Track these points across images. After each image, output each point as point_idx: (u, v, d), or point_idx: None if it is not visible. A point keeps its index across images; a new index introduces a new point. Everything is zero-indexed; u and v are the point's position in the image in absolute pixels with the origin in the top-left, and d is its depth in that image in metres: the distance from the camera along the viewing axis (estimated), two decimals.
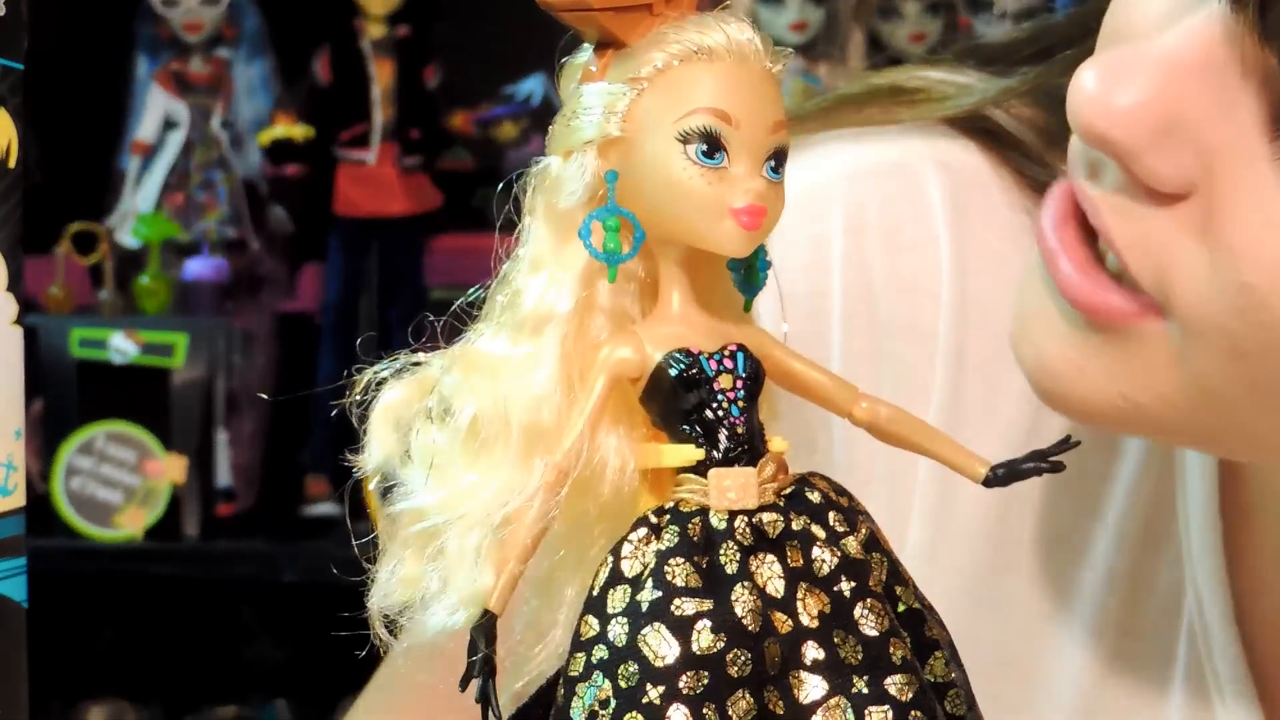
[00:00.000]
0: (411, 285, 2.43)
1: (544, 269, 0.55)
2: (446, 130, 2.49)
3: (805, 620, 0.52)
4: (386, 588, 0.55)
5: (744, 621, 0.51)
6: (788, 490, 0.54)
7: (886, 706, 0.52)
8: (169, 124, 2.45)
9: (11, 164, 0.59)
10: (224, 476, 2.42)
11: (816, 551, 0.53)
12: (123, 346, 2.33)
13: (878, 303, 0.81)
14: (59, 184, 2.28)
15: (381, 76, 2.42)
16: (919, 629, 0.54)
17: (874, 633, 0.53)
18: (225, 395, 2.41)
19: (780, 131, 0.54)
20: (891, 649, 0.53)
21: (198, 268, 2.43)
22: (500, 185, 0.57)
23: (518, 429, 0.53)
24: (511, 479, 0.53)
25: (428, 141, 2.44)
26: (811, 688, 0.52)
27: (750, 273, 0.57)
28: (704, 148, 0.53)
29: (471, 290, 0.58)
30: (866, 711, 0.52)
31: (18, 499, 0.60)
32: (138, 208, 2.43)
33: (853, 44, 2.26)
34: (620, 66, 0.54)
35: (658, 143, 0.53)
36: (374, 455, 0.56)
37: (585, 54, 0.56)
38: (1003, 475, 0.56)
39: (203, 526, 2.32)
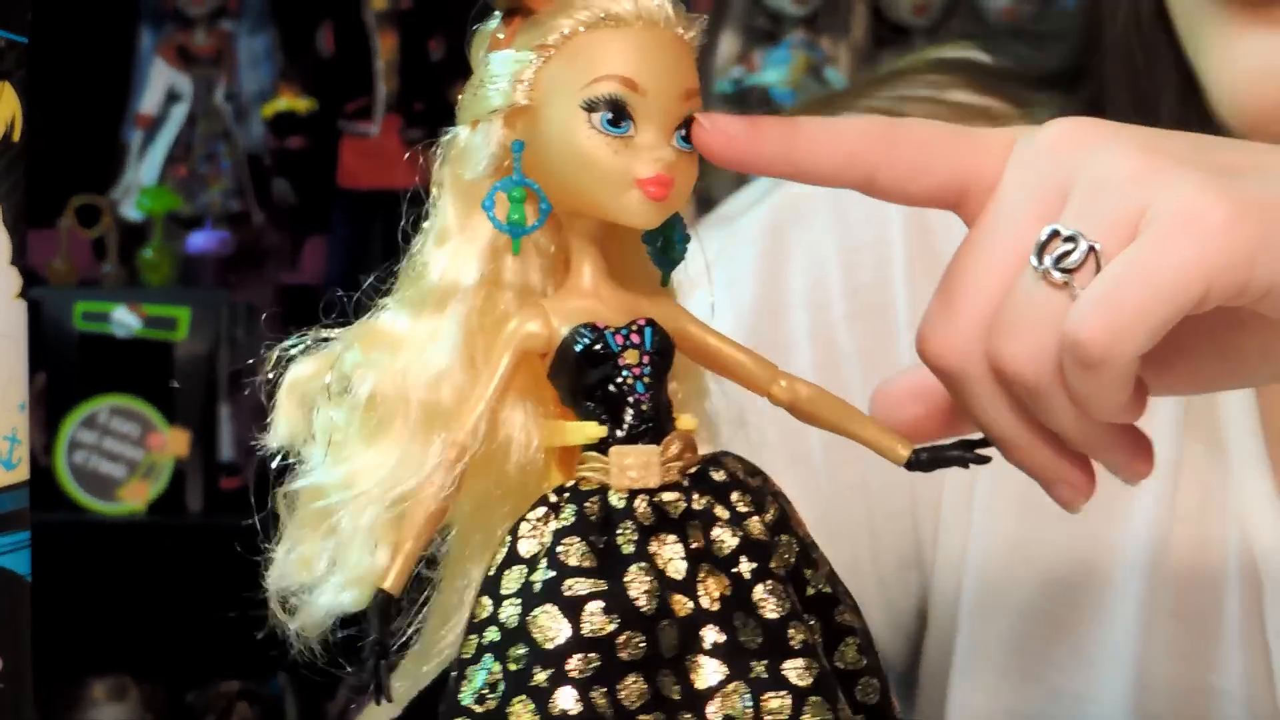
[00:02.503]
0: None
1: (449, 242, 0.53)
2: (450, 102, 2.47)
3: (706, 603, 0.51)
4: (284, 567, 0.54)
5: (638, 603, 0.50)
6: (693, 469, 0.52)
7: (785, 691, 0.50)
8: (172, 97, 2.44)
9: (16, 137, 0.59)
10: (227, 450, 2.41)
11: (717, 531, 0.52)
12: (126, 320, 2.32)
13: (935, 233, 0.86)
14: (62, 157, 2.27)
15: (385, 48, 2.40)
16: (829, 613, 0.53)
17: (774, 616, 0.51)
18: (228, 369, 2.40)
19: (693, 99, 0.52)
20: (791, 633, 0.51)
21: (201, 241, 2.42)
22: None
23: (416, 406, 0.52)
24: (409, 456, 0.52)
25: (431, 114, 2.43)
26: (709, 673, 0.50)
27: (667, 246, 0.55)
28: (609, 116, 0.51)
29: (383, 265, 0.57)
30: (764, 697, 0.50)
31: (21, 472, 0.60)
32: (141, 181, 2.42)
33: (855, 16, 2.24)
34: (528, 34, 0.53)
35: (563, 111, 0.52)
36: (279, 432, 0.55)
37: (495, 21, 0.54)
38: (926, 459, 0.54)
39: (206, 500, 2.31)
